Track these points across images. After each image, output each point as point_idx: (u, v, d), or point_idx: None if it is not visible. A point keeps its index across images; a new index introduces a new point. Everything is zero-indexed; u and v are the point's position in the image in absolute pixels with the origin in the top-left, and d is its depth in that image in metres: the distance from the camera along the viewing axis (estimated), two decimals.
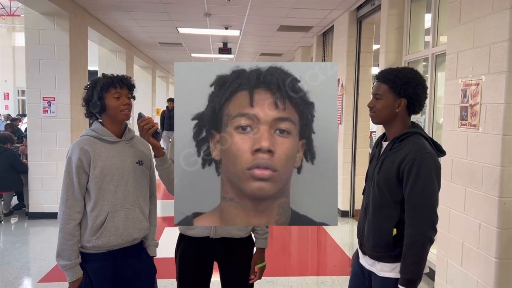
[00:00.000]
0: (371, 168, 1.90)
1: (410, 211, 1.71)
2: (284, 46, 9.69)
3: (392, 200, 1.75)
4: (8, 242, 4.91)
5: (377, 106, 1.81)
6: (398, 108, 1.78)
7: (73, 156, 1.89)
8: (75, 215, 1.89)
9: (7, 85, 20.06)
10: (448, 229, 3.35)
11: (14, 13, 14.77)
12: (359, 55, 6.16)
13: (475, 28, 3.02)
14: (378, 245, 1.81)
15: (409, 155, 1.69)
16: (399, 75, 1.77)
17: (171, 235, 5.37)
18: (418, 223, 1.68)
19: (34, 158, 5.76)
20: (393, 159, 1.75)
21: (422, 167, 1.67)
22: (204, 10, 6.42)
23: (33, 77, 5.70)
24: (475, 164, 3.00)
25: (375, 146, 1.98)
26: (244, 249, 2.11)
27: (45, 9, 5.51)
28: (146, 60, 11.61)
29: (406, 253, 1.70)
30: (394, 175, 1.73)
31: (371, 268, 1.86)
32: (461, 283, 3.17)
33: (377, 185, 1.80)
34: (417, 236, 1.68)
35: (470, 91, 3.05)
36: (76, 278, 1.89)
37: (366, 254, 1.89)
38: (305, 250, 4.96)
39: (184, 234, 2.07)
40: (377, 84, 1.84)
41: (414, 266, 1.69)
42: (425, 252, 1.71)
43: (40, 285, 3.74)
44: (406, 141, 1.75)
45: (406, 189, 1.70)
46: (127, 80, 1.99)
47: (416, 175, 1.67)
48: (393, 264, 1.78)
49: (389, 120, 1.82)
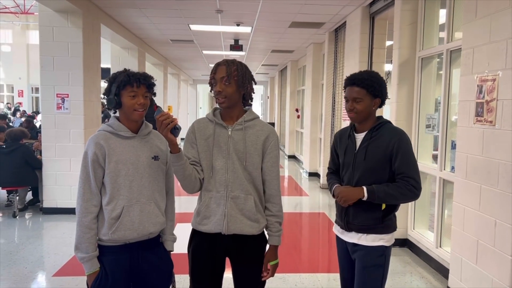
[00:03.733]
0: (350, 157, 2.21)
1: (405, 171, 2.07)
2: (296, 43, 9.65)
3: (381, 177, 2.11)
4: (23, 237, 4.99)
5: (358, 108, 2.13)
6: (374, 107, 2.16)
7: (89, 151, 1.92)
8: (92, 208, 1.91)
9: (21, 83, 20.35)
10: (462, 226, 3.31)
11: (28, 11, 14.94)
12: (371, 52, 6.10)
13: (492, 23, 2.97)
14: (370, 219, 2.14)
15: (393, 138, 2.09)
16: (373, 79, 2.12)
17: (183, 231, 5.39)
18: (414, 175, 2.08)
19: (48, 154, 5.83)
20: (378, 144, 2.12)
21: (407, 143, 2.11)
22: (216, 7, 6.42)
23: (47, 74, 5.77)
24: (491, 161, 2.96)
25: (345, 139, 2.29)
26: (257, 246, 2.09)
27: (58, 7, 5.57)
28: (158, 57, 11.66)
29: (394, 185, 2.07)
30: (382, 156, 2.10)
31: (359, 241, 2.17)
32: (475, 281, 3.13)
33: (365, 169, 2.13)
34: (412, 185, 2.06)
35: (486, 86, 3.00)
36: (94, 271, 1.91)
37: (353, 230, 2.19)
38: (316, 247, 4.95)
39: (197, 230, 2.07)
40: (353, 89, 2.13)
41: (387, 195, 2.06)
42: (401, 198, 2.09)
43: (54, 279, 3.78)
44: (382, 129, 2.15)
45: (396, 161, 2.08)
46: (145, 79, 1.94)
47: (404, 149, 2.09)
48: (381, 235, 2.14)
49: (366, 117, 2.16)
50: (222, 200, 1.98)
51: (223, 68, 1.95)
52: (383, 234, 2.15)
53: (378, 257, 2.14)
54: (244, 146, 1.99)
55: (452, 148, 3.94)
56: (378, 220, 2.14)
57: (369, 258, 2.14)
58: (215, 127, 2.01)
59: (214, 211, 1.99)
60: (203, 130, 2.02)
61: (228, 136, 2.00)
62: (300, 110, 12.25)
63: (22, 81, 20.32)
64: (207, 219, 2.01)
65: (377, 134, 2.14)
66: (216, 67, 1.99)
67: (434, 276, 4.00)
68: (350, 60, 6.59)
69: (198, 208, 2.06)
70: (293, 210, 6.67)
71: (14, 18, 17.80)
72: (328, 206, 6.93)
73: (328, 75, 8.18)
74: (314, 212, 6.60)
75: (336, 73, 7.78)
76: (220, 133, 2.00)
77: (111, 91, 1.92)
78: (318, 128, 9.37)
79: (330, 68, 8.06)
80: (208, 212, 2.01)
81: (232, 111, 2.03)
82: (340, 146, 2.32)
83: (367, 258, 2.14)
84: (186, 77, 19.23)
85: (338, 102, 7.66)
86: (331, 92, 8.02)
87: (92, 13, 6.17)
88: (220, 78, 1.94)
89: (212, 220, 2.00)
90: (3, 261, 4.15)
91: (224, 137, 2.00)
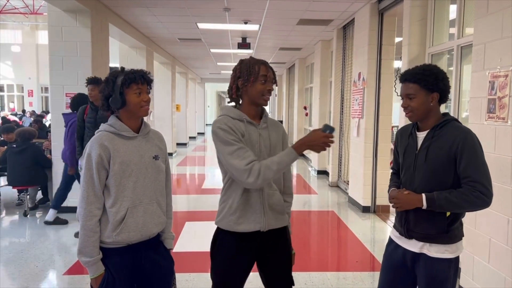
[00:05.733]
0: (411, 157, 2.02)
1: (472, 175, 1.85)
2: (304, 40, 9.61)
3: (444, 181, 1.91)
4: (34, 236, 5.03)
5: (413, 105, 1.95)
6: (433, 102, 1.95)
7: (93, 153, 1.88)
8: (96, 211, 1.89)
9: (31, 83, 20.52)
10: (474, 225, 3.27)
11: (37, 11, 15.04)
12: (380, 48, 6.05)
13: (504, 18, 2.92)
14: (433, 227, 1.93)
15: (458, 137, 1.88)
16: (427, 73, 1.93)
17: (192, 229, 5.43)
18: (482, 180, 1.84)
19: (57, 154, 5.86)
20: (440, 145, 1.92)
21: (474, 143, 1.89)
22: (224, 5, 6.41)
23: (56, 74, 5.80)
24: (503, 158, 2.91)
25: (406, 137, 2.10)
26: (286, 239, 2.16)
27: (67, 6, 5.60)
28: (166, 56, 11.69)
29: (459, 192, 1.85)
30: (445, 158, 1.90)
31: (421, 250, 1.96)
32: (488, 280, 3.09)
33: (427, 171, 1.94)
34: (479, 191, 1.83)
35: (499, 83, 2.96)
36: (99, 274, 1.90)
37: (413, 238, 1.99)
38: (326, 246, 4.92)
39: (229, 231, 2.02)
40: (405, 85, 1.97)
41: (450, 204, 1.85)
42: (467, 207, 1.87)
43: (65, 277, 3.81)
44: (446, 127, 1.94)
45: (462, 164, 1.87)
46: (147, 75, 1.98)
47: (471, 150, 1.87)
48: (446, 246, 1.93)
49: (425, 114, 1.97)
50: (258, 198, 2.00)
51: (270, 70, 2.04)
52: (448, 244, 1.94)
53: (444, 269, 1.93)
54: (269, 143, 2.05)
55: None
56: (443, 229, 1.93)
57: (434, 271, 1.94)
58: (246, 125, 2.02)
59: (252, 209, 2.00)
60: (237, 127, 1.99)
61: (258, 134, 2.03)
62: (308, 108, 12.21)
63: (32, 81, 20.49)
64: (243, 217, 1.99)
65: (440, 133, 1.95)
66: (266, 65, 2.02)
67: None
68: (358, 57, 6.54)
69: (230, 206, 2.01)
70: (302, 208, 6.65)
71: (23, 18, 17.93)
72: (337, 205, 6.90)
73: (336, 73, 8.13)
74: (323, 211, 6.57)
75: (344, 71, 7.73)
76: (250, 131, 2.02)
77: (114, 91, 1.91)
78: None
79: (339, 65, 8.01)
80: (245, 211, 1.99)
81: (257, 109, 2.08)
82: (401, 145, 2.14)
83: (433, 271, 1.94)
84: (194, 75, 19.26)
85: (346, 99, 7.62)
86: (340, 89, 7.98)
87: (100, 12, 6.20)
88: (271, 78, 2.03)
89: (249, 218, 1.99)
90: (15, 260, 4.18)
91: (255, 135, 2.02)
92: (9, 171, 5.82)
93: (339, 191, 7.92)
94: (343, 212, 6.37)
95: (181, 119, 15.16)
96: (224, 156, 1.91)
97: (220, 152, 1.94)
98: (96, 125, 4.37)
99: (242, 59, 2.06)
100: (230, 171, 1.92)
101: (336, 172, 8.30)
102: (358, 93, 6.49)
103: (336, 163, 8.27)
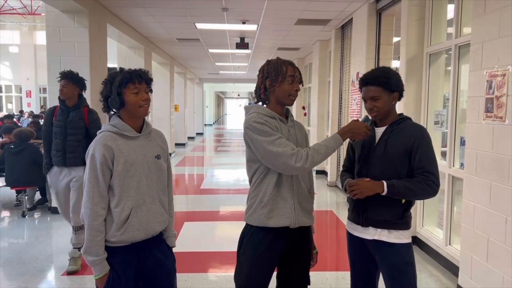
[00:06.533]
0: (368, 150, 2.18)
1: (426, 166, 2.04)
2: (302, 40, 9.62)
3: (399, 172, 2.08)
4: (32, 236, 5.02)
5: (378, 105, 2.13)
6: (394, 101, 2.17)
7: (97, 153, 1.88)
8: (101, 211, 1.89)
9: (29, 83, 20.49)
10: (472, 224, 3.27)
11: (35, 12, 15.02)
12: (378, 48, 6.05)
13: (501, 17, 2.93)
14: (390, 213, 2.08)
15: (414, 133, 2.09)
16: (387, 75, 2.13)
17: (190, 229, 5.43)
18: (434, 171, 2.05)
19: None
20: (399, 138, 2.10)
21: (428, 139, 2.10)
22: (222, 5, 6.41)
23: (55, 74, 5.75)
24: (501, 157, 2.92)
25: None
26: (309, 238, 2.18)
27: (65, 7, 5.59)
28: (164, 57, 11.68)
29: (414, 180, 2.03)
30: (403, 150, 2.08)
31: (380, 238, 2.09)
32: (486, 279, 3.09)
33: (384, 161, 2.10)
34: (432, 180, 2.02)
35: (496, 82, 2.96)
36: (104, 273, 1.90)
37: (370, 226, 2.12)
38: (324, 245, 4.93)
39: (259, 226, 2.02)
40: (369, 89, 2.13)
41: (407, 191, 2.01)
42: (420, 194, 2.05)
43: (63, 278, 3.80)
44: (403, 124, 2.15)
45: (417, 156, 2.05)
46: (145, 74, 1.97)
47: (426, 144, 2.08)
48: (402, 231, 2.08)
49: (388, 113, 2.17)
50: (289, 192, 2.01)
51: (297, 70, 2.11)
52: (403, 230, 2.09)
53: (406, 254, 2.08)
54: (296, 141, 2.08)
55: (461, 145, 3.90)
56: (398, 216, 2.08)
57: (398, 256, 2.07)
58: (278, 122, 2.04)
59: (283, 202, 2.00)
60: (270, 122, 1.99)
61: (287, 130, 2.06)
62: (306, 108, 12.21)
63: (30, 82, 20.46)
64: (274, 211, 1.99)
65: (398, 128, 2.13)
66: (293, 66, 2.08)
67: (444, 274, 3.97)
68: (356, 57, 6.55)
69: (260, 200, 2.01)
70: None
71: (21, 19, 17.91)
72: (336, 204, 6.90)
73: (334, 72, 8.14)
74: (321, 210, 6.58)
75: (342, 70, 7.74)
76: (281, 128, 2.03)
77: (112, 92, 1.91)
78: (325, 126, 9.33)
79: (337, 65, 8.02)
80: (276, 204, 1.99)
81: (283, 108, 2.13)
82: (358, 140, 2.23)
83: (397, 256, 2.07)
84: (192, 76, 19.25)
85: (345, 99, 7.62)
86: (338, 89, 7.98)
87: (98, 12, 6.19)
88: (298, 78, 2.10)
89: (280, 213, 1.99)
90: (13, 260, 4.18)
91: (286, 132, 2.04)
92: (7, 171, 5.81)
93: (337, 190, 7.92)
94: (342, 211, 6.37)
95: (180, 119, 15.15)
96: (265, 146, 1.90)
97: (259, 143, 1.92)
98: (66, 131, 3.74)
99: (269, 60, 2.08)
100: (273, 160, 1.90)
101: (335, 172, 8.31)
102: (356, 93, 6.49)
103: (334, 163, 8.28)
